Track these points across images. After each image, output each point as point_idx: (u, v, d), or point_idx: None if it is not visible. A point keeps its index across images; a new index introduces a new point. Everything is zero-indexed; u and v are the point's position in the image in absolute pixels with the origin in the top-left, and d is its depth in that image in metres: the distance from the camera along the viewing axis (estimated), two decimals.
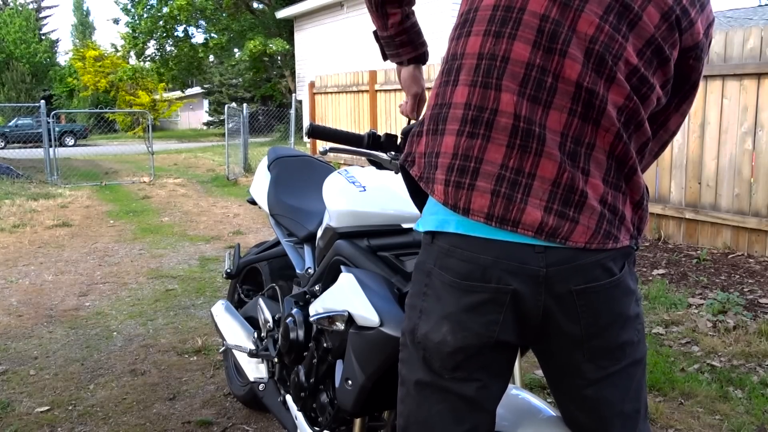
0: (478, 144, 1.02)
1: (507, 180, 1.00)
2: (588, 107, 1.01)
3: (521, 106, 1.00)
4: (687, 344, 3.30)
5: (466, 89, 1.04)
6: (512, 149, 1.00)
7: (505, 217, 0.99)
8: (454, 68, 1.07)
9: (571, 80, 1.00)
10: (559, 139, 1.00)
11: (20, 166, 12.67)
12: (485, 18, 1.05)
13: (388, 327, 1.35)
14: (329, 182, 1.82)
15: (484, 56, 1.03)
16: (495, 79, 1.02)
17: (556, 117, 1.01)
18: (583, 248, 1.00)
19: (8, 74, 31.54)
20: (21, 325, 3.72)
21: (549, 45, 1.00)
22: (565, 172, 1.00)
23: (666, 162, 5.46)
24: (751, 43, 4.75)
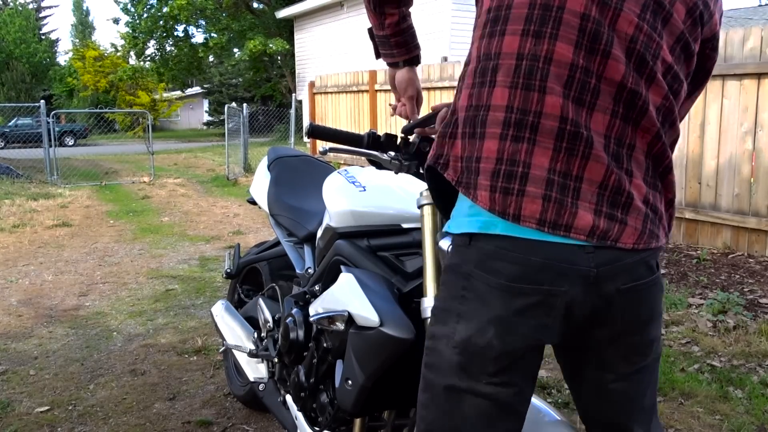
0: (524, 148, 0.99)
1: (557, 184, 0.99)
2: (630, 108, 1.01)
3: (567, 109, 0.99)
4: (687, 344, 3.30)
5: (506, 91, 1.01)
6: (559, 152, 0.99)
7: (558, 222, 0.99)
8: (489, 68, 1.03)
9: (614, 81, 1.00)
10: (604, 141, 1.00)
11: (20, 166, 12.67)
12: (521, 16, 1.01)
13: (388, 327, 1.35)
14: (329, 182, 1.82)
15: (524, 57, 1.00)
16: (538, 80, 0.99)
17: (599, 119, 1.00)
18: (631, 249, 1.02)
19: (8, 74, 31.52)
20: (21, 325, 3.72)
21: (591, 45, 0.99)
22: (612, 174, 1.00)
23: None
24: (751, 43, 4.75)
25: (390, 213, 1.63)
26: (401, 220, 1.61)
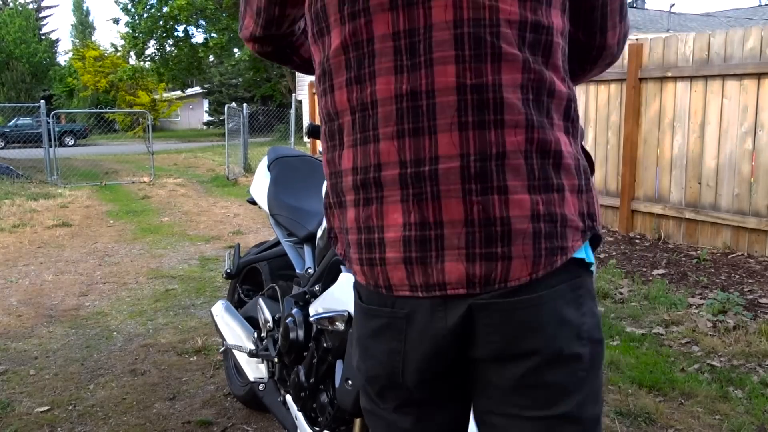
0: (374, 210, 0.88)
1: (414, 241, 0.85)
2: (481, 109, 0.83)
3: (404, 149, 0.85)
4: (687, 344, 3.30)
5: (350, 152, 0.90)
6: (408, 202, 0.85)
7: (429, 283, 0.86)
8: (335, 130, 0.93)
9: (449, 88, 0.83)
10: (460, 165, 0.83)
11: (20, 166, 12.67)
12: (340, 65, 0.89)
13: None
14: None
15: (355, 109, 0.89)
16: (371, 130, 0.87)
17: (447, 141, 0.83)
18: (528, 282, 0.84)
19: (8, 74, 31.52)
20: (21, 325, 3.72)
21: (411, 62, 0.84)
22: (474, 205, 0.83)
23: (666, 162, 5.46)
24: (751, 43, 4.75)
25: None
26: None
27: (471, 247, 0.84)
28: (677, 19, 21.65)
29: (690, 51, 5.18)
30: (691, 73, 5.16)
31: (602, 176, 6.08)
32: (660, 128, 5.49)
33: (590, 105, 6.12)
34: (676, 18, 21.77)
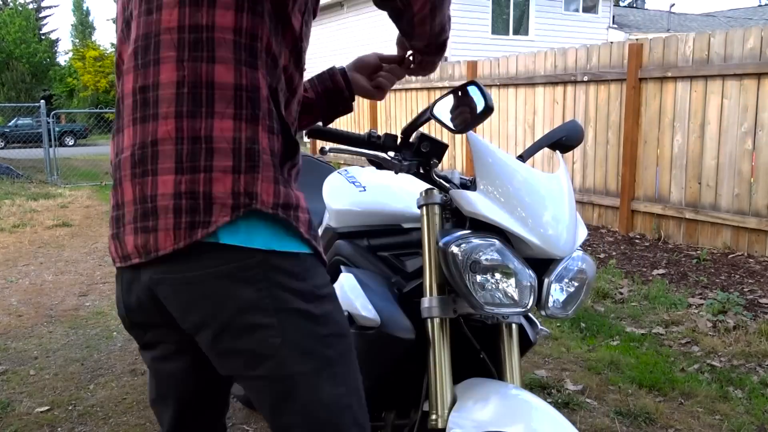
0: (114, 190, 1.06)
1: (114, 219, 1.04)
2: (144, 107, 0.99)
3: (119, 141, 1.03)
4: (687, 344, 3.30)
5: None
6: (114, 188, 1.04)
7: (124, 254, 1.03)
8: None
9: (129, 92, 1.01)
10: (131, 155, 0.99)
11: (20, 166, 12.67)
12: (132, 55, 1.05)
13: (388, 327, 1.35)
14: (329, 182, 1.82)
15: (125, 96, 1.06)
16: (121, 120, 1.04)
17: (129, 134, 1.00)
18: (172, 251, 0.96)
19: (8, 74, 31.51)
20: (21, 325, 3.72)
21: (143, 60, 1.00)
22: (136, 187, 0.98)
23: (666, 162, 5.46)
24: (751, 43, 4.75)
25: (390, 213, 1.63)
26: (401, 220, 1.61)
27: (136, 222, 0.99)
28: (677, 19, 21.65)
29: (690, 51, 5.18)
30: (691, 73, 5.16)
31: (602, 176, 6.08)
32: (660, 128, 5.49)
33: (590, 105, 6.12)
34: (676, 18, 21.77)
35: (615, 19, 19.08)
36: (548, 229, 1.24)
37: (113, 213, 1.04)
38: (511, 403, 1.25)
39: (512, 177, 1.28)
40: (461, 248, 1.20)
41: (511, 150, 7.00)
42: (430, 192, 1.35)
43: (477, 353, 1.41)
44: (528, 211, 1.24)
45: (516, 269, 1.22)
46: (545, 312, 1.29)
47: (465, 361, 1.38)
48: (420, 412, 1.40)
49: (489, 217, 1.23)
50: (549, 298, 1.27)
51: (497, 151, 1.32)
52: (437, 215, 1.33)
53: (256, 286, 0.97)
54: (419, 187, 1.44)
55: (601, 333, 3.46)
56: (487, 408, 1.23)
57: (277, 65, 1.03)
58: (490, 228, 1.24)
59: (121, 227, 1.02)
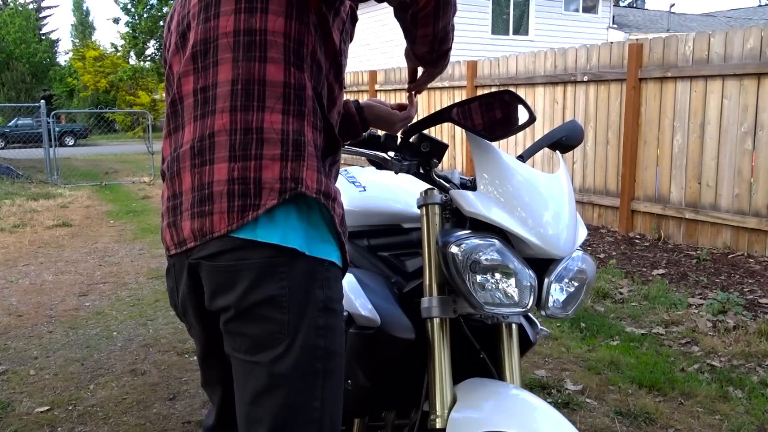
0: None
1: (171, 209, 1.12)
2: (204, 105, 1.08)
3: (173, 140, 1.13)
4: (687, 344, 3.30)
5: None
6: (171, 179, 1.13)
7: (179, 240, 1.11)
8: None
9: (189, 92, 1.11)
10: (190, 147, 1.08)
11: (20, 166, 12.68)
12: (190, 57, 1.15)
13: (388, 327, 1.35)
14: None
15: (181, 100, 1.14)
16: (180, 119, 1.14)
17: (189, 129, 1.10)
18: (226, 233, 1.04)
19: (8, 74, 31.50)
20: (21, 325, 3.72)
21: (203, 63, 1.10)
22: (195, 176, 1.07)
23: (666, 162, 5.46)
24: (751, 43, 4.75)
25: (390, 213, 1.63)
26: (401, 220, 1.61)
27: (193, 207, 1.07)
28: (677, 19, 21.64)
29: (690, 51, 5.18)
30: (691, 73, 5.16)
31: (602, 176, 6.08)
32: (660, 128, 5.49)
33: (590, 105, 6.12)
34: (676, 18, 21.77)
35: (615, 19, 19.08)
36: (548, 229, 1.24)
37: (169, 204, 1.12)
38: (511, 403, 1.25)
39: (512, 177, 1.28)
40: (461, 248, 1.20)
41: (511, 150, 7.00)
42: (430, 192, 1.35)
43: (477, 353, 1.41)
44: (528, 211, 1.24)
45: (516, 269, 1.22)
46: (545, 312, 1.29)
47: (465, 361, 1.38)
48: (420, 412, 1.40)
49: (489, 217, 1.23)
50: (549, 298, 1.27)
51: (497, 151, 1.32)
52: (437, 215, 1.33)
53: (279, 283, 1.05)
54: (419, 187, 1.45)
55: (601, 333, 3.46)
56: (487, 408, 1.23)
57: (321, 71, 1.12)
58: (490, 228, 1.24)
59: (178, 215, 1.10)
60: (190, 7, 1.14)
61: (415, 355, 1.36)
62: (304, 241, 1.07)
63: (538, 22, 16.73)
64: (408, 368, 1.42)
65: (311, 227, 1.09)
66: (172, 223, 1.12)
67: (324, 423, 1.11)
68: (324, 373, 1.10)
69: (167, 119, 1.17)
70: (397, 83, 9.44)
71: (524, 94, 6.91)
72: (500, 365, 1.36)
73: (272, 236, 1.04)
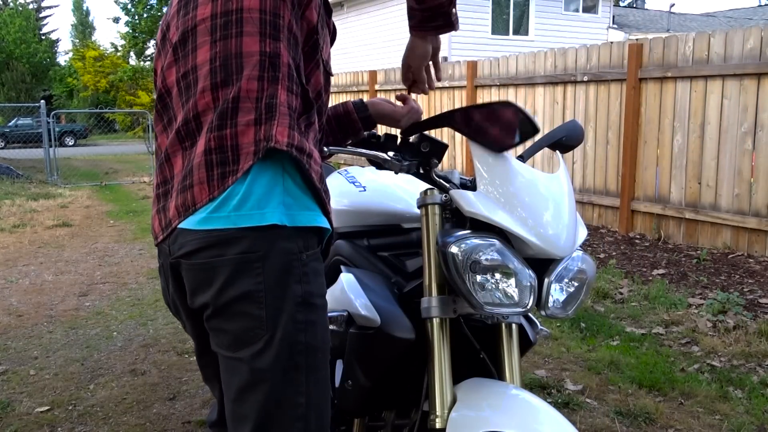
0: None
1: (162, 195, 1.15)
2: (188, 90, 1.11)
3: (174, 125, 1.14)
4: (687, 344, 3.30)
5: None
6: (160, 168, 1.16)
7: (165, 223, 1.13)
8: None
9: (172, 83, 1.14)
10: (175, 132, 1.12)
11: (20, 166, 12.67)
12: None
13: (388, 327, 1.35)
14: (329, 182, 1.82)
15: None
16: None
17: (179, 117, 1.12)
18: (209, 200, 1.06)
19: (8, 74, 31.49)
20: (21, 325, 3.72)
21: (182, 52, 1.13)
22: (185, 159, 1.10)
23: (666, 162, 5.46)
24: (751, 43, 4.75)
25: (390, 213, 1.63)
26: (401, 220, 1.61)
27: (178, 187, 1.09)
28: (677, 19, 21.64)
29: (690, 51, 5.18)
30: (691, 73, 5.16)
31: (602, 176, 6.09)
32: (660, 128, 5.49)
33: (590, 105, 6.12)
34: (676, 18, 21.77)
35: (615, 19, 19.08)
36: (548, 229, 1.24)
37: (159, 190, 1.15)
38: (511, 403, 1.25)
39: (512, 177, 1.28)
40: (461, 248, 1.20)
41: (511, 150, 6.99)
42: (430, 192, 1.35)
43: (477, 353, 1.41)
44: (528, 211, 1.24)
45: (516, 269, 1.22)
46: (545, 312, 1.29)
47: (465, 361, 1.38)
48: (420, 412, 1.40)
49: (489, 217, 1.23)
50: (549, 298, 1.27)
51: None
52: (437, 215, 1.33)
53: (255, 279, 1.06)
54: (419, 187, 1.44)
55: (601, 333, 3.46)
56: (487, 408, 1.23)
57: (298, 44, 1.14)
58: (490, 228, 1.24)
59: (168, 199, 1.12)
60: (170, 12, 1.19)
61: (415, 355, 1.36)
62: (284, 213, 1.07)
63: (538, 22, 16.73)
64: (408, 368, 1.42)
65: (288, 195, 1.08)
66: (161, 208, 1.13)
67: (310, 419, 1.11)
68: (307, 368, 1.10)
69: (158, 114, 1.19)
70: (397, 83, 9.44)
71: (524, 94, 6.91)
72: (500, 365, 1.36)
73: (250, 218, 1.05)
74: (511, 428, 1.14)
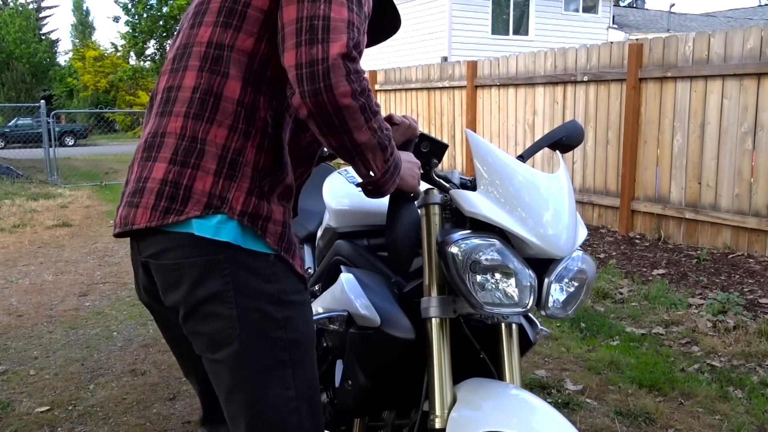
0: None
1: (122, 194, 1.17)
2: (167, 103, 1.14)
3: (146, 129, 1.18)
4: (687, 344, 3.30)
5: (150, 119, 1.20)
6: (129, 168, 1.19)
7: (114, 223, 1.18)
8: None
9: (160, 89, 1.17)
10: (144, 140, 1.16)
11: (20, 166, 12.67)
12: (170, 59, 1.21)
13: (388, 327, 1.35)
14: (329, 182, 1.83)
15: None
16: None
17: (151, 124, 1.16)
18: (144, 228, 1.09)
19: (8, 74, 31.47)
20: (21, 325, 3.72)
21: (176, 65, 1.17)
22: (140, 168, 1.14)
23: (666, 162, 5.46)
24: (751, 43, 4.74)
25: None
26: None
27: (131, 196, 1.13)
28: (677, 19, 21.64)
29: (690, 51, 5.18)
30: (691, 73, 5.16)
31: (602, 176, 6.08)
32: (660, 128, 5.49)
33: (590, 105, 6.12)
34: (676, 18, 21.77)
35: (615, 19, 19.08)
36: (548, 229, 1.24)
37: (123, 189, 1.19)
38: (511, 403, 1.25)
39: (512, 177, 1.28)
40: (461, 248, 1.20)
41: (511, 150, 7.00)
42: (430, 192, 1.35)
43: (477, 353, 1.41)
44: (528, 211, 1.24)
45: (516, 269, 1.22)
46: (545, 312, 1.29)
47: (465, 361, 1.38)
48: (420, 412, 1.40)
49: (489, 217, 1.23)
50: (549, 298, 1.27)
51: (497, 151, 1.32)
52: (437, 215, 1.33)
53: (222, 279, 1.08)
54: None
55: (601, 333, 3.46)
56: (487, 408, 1.23)
57: (284, 89, 1.13)
58: (490, 228, 1.24)
59: (122, 201, 1.16)
60: (189, 11, 1.21)
61: (415, 355, 1.36)
62: (239, 236, 1.09)
63: (538, 22, 16.73)
64: (408, 368, 1.42)
65: (245, 229, 1.10)
66: (118, 207, 1.18)
67: (302, 411, 1.13)
68: (292, 363, 1.12)
69: (146, 113, 1.23)
70: (397, 83, 9.44)
71: (524, 94, 6.91)
72: (500, 365, 1.36)
73: (205, 231, 1.07)
74: (511, 428, 1.14)
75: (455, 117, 8.15)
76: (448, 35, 14.27)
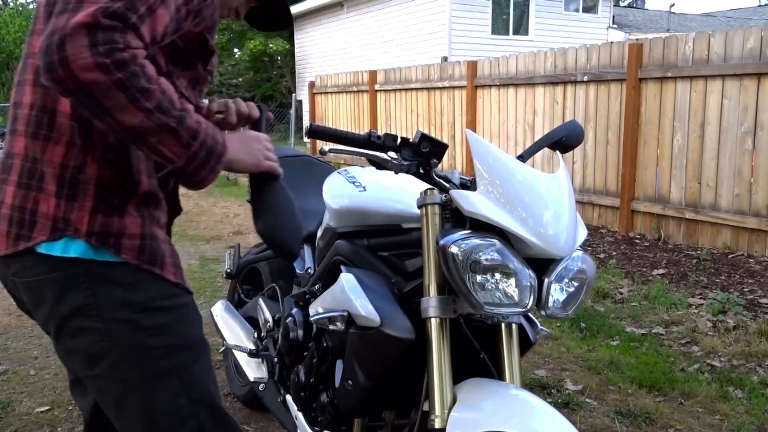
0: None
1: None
2: (14, 121, 1.09)
3: (6, 143, 1.13)
4: (687, 344, 3.30)
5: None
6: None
7: None
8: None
9: (13, 102, 1.11)
10: (1, 161, 1.12)
11: None
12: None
13: (388, 327, 1.35)
14: (329, 182, 1.83)
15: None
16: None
17: (6, 142, 1.12)
18: (4, 255, 1.07)
19: (8, 74, 31.49)
20: (21, 325, 3.72)
21: (19, 79, 1.11)
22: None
23: (666, 162, 5.46)
24: (751, 43, 4.75)
25: (390, 213, 1.63)
26: (401, 220, 1.61)
27: None
28: (677, 19, 21.64)
29: (690, 51, 5.18)
30: (691, 73, 5.16)
31: (602, 176, 6.08)
32: (660, 128, 5.49)
33: (590, 105, 6.12)
34: (676, 18, 21.77)
35: (615, 19, 19.08)
36: (548, 229, 1.24)
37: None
38: (511, 403, 1.25)
39: (512, 177, 1.28)
40: (461, 248, 1.20)
41: (511, 150, 7.00)
42: (430, 192, 1.35)
43: (477, 353, 1.41)
44: (528, 211, 1.24)
45: (516, 269, 1.22)
46: (545, 312, 1.29)
47: (465, 361, 1.38)
48: (420, 412, 1.40)
49: (489, 217, 1.23)
50: (549, 298, 1.28)
51: (497, 151, 1.32)
52: (437, 215, 1.33)
53: (83, 293, 1.05)
54: (419, 187, 1.45)
55: (601, 333, 3.46)
56: (487, 408, 1.23)
57: None
58: (490, 228, 1.24)
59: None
60: (40, 6, 1.09)
61: (415, 355, 1.36)
62: (89, 250, 1.05)
63: (538, 22, 16.73)
64: (408, 368, 1.42)
65: (94, 245, 1.07)
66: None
67: (200, 415, 1.10)
68: (177, 369, 1.09)
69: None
70: (396, 83, 9.44)
71: (524, 93, 6.91)
72: (500, 365, 1.36)
73: (53, 250, 1.05)
74: (511, 428, 1.14)
75: (455, 117, 8.15)
76: (448, 35, 14.27)
